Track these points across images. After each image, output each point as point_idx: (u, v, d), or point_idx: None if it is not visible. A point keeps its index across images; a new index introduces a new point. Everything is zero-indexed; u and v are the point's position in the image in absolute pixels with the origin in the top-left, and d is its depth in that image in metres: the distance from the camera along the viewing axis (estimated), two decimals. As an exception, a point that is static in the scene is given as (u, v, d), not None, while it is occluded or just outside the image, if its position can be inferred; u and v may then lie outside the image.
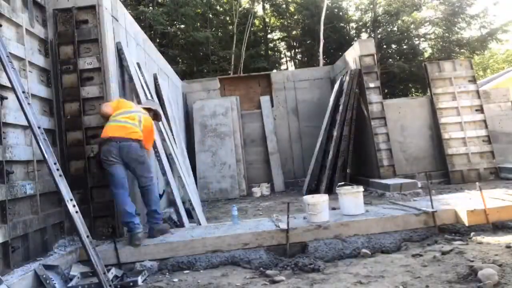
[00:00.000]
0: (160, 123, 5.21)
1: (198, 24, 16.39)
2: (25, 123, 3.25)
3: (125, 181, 3.95)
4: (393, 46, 18.07)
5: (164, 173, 4.89)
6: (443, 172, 8.13)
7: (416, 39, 17.97)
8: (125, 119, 4.02)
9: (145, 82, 5.49)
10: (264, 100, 10.02)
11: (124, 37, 5.17)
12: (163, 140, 5.26)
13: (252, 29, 17.67)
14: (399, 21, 16.55)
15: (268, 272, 3.28)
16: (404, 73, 16.68)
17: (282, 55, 21.67)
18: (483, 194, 3.93)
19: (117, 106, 4.15)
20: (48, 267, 3.11)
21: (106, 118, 4.09)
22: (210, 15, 17.36)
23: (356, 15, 19.44)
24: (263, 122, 9.82)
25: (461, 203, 4.21)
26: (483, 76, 24.00)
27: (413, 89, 19.19)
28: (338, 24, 18.00)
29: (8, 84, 3.19)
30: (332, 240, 3.79)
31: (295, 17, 19.25)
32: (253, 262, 3.56)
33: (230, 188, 8.75)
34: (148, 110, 4.53)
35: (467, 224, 3.85)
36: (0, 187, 3.10)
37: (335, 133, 7.78)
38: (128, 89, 5.07)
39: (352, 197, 4.28)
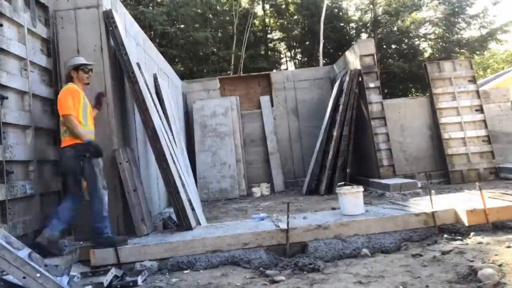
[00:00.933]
0: (160, 122, 5.18)
1: (198, 24, 16.38)
2: (25, 123, 3.24)
3: None
4: (393, 46, 18.06)
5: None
6: (443, 172, 8.13)
7: (416, 39, 17.97)
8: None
9: (145, 82, 5.48)
10: (264, 100, 10.01)
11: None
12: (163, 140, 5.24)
13: (252, 29, 17.67)
14: (399, 21, 16.54)
15: (268, 272, 3.28)
16: (404, 73, 16.68)
17: (282, 55, 21.68)
18: (483, 194, 3.94)
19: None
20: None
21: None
22: (210, 15, 17.36)
23: (356, 15, 19.45)
24: (263, 122, 9.81)
25: (461, 203, 4.22)
26: (483, 76, 23.99)
27: (413, 89, 19.19)
28: (338, 24, 18.00)
29: (8, 84, 3.19)
30: (332, 240, 3.79)
31: (295, 17, 19.25)
32: (253, 262, 3.56)
33: (230, 188, 8.75)
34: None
35: (467, 224, 3.86)
36: (0, 187, 3.10)
37: (335, 133, 7.78)
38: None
39: (352, 197, 4.28)
